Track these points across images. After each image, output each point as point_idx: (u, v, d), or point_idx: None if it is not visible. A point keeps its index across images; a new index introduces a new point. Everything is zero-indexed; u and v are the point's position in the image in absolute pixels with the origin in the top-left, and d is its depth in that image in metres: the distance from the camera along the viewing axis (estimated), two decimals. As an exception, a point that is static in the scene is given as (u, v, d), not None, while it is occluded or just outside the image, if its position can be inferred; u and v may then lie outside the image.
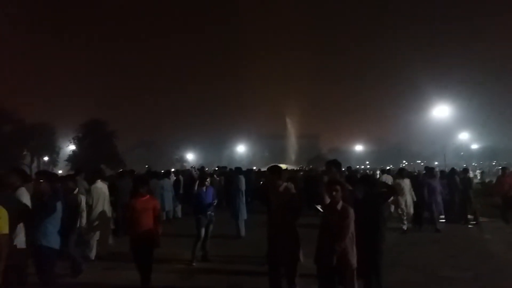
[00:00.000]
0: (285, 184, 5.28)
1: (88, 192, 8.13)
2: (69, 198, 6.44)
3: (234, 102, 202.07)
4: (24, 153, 49.98)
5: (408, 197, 10.67)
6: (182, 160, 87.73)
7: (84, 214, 7.83)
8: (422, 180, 11.80)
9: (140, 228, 5.57)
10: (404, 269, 6.88)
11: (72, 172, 13.97)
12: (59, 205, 4.96)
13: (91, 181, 8.47)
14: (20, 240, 4.70)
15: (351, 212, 4.51)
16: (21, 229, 4.82)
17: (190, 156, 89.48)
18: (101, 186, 8.45)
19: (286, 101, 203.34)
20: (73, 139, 51.61)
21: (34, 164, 51.89)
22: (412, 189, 10.87)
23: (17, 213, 4.39)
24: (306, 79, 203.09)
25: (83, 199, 7.87)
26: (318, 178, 12.88)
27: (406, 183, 10.80)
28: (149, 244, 5.64)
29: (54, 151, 54.28)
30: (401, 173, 11.42)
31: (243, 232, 10.03)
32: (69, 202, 6.11)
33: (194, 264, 7.32)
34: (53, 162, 54.61)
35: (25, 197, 4.88)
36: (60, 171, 50.15)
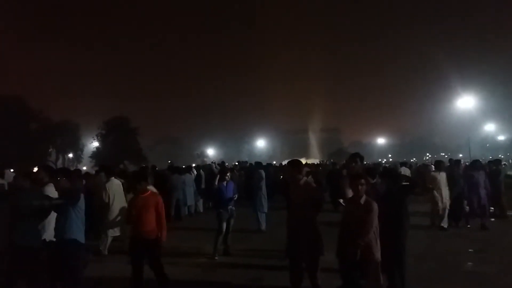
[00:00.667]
0: (305, 178, 5.26)
1: (104, 190, 8.21)
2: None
3: (254, 97, 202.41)
4: (50, 150, 51.32)
5: (444, 191, 9.95)
6: (203, 155, 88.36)
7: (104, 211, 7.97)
8: (464, 173, 11.00)
9: (140, 227, 5.22)
10: (427, 263, 6.77)
11: (96, 169, 14.31)
12: (82, 198, 4.93)
13: (106, 179, 8.55)
14: (49, 234, 4.85)
15: (375, 206, 4.46)
16: (49, 223, 4.97)
17: (211, 152, 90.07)
18: (117, 183, 8.54)
19: (307, 95, 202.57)
20: (97, 136, 52.73)
21: (60, 161, 53.24)
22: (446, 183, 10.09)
23: (39, 209, 4.50)
24: (327, 73, 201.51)
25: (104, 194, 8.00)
26: (339, 173, 12.81)
27: (443, 176, 10.09)
28: (149, 244, 5.22)
29: (78, 148, 55.60)
30: (438, 165, 10.59)
31: (263, 226, 10.06)
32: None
33: (216, 258, 7.37)
34: (78, 158, 55.94)
35: (53, 192, 5.01)
36: (84, 168, 51.39)
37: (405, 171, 13.85)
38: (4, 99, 41.20)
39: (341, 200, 4.96)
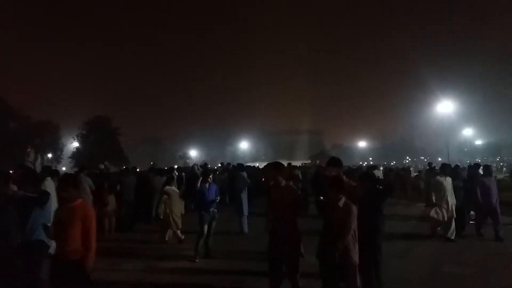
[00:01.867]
0: (284, 181, 5.28)
1: None
2: None
3: (238, 99, 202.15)
4: (29, 150, 50.20)
5: (451, 198, 9.11)
6: (185, 157, 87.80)
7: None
8: (474, 179, 10.05)
9: (61, 245, 4.11)
10: (406, 264, 6.88)
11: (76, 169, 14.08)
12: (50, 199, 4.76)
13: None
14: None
15: (354, 209, 4.50)
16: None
17: (193, 153, 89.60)
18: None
19: (290, 98, 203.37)
20: (77, 136, 51.88)
21: (38, 161, 52.10)
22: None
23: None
24: (310, 76, 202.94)
25: None
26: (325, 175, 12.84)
27: (449, 182, 9.26)
28: (72, 268, 4.05)
29: (58, 148, 54.41)
30: (443, 169, 9.68)
31: (246, 228, 10.05)
32: None
33: (197, 260, 7.34)
34: (57, 159, 54.73)
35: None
36: (63, 168, 50.39)
37: (378, 173, 13.92)
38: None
39: (322, 197, 4.97)
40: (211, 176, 8.08)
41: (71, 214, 4.13)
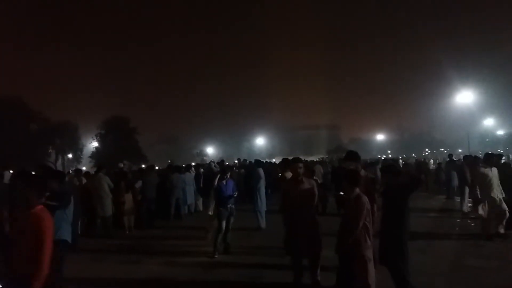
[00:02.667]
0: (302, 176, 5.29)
1: None
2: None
3: (254, 95, 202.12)
4: (49, 151, 51.24)
5: (497, 191, 8.20)
6: (202, 154, 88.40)
7: None
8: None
9: (12, 262, 3.35)
10: (427, 258, 6.78)
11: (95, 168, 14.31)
12: (71, 200, 4.91)
13: None
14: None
15: (364, 202, 4.42)
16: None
17: (210, 150, 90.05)
18: None
19: (306, 92, 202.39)
20: (96, 136, 52.75)
21: (59, 162, 53.18)
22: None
23: None
24: (326, 71, 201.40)
25: None
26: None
27: (494, 173, 8.29)
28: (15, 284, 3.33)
29: (78, 148, 55.42)
30: (488, 159, 8.74)
31: (263, 224, 10.05)
32: None
33: (216, 256, 7.38)
34: (77, 159, 55.80)
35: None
36: (83, 168, 51.34)
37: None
38: (3, 100, 41.16)
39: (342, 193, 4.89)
40: (228, 172, 8.12)
41: (25, 223, 3.35)
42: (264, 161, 21.41)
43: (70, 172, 15.52)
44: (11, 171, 10.48)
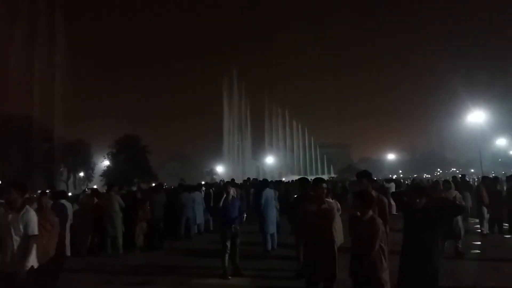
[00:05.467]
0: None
1: None
2: None
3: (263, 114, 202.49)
4: (61, 169, 51.70)
5: None
6: (212, 172, 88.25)
7: None
8: None
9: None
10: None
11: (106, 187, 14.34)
12: None
13: None
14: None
15: (379, 223, 4.36)
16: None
17: (220, 169, 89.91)
18: None
19: (316, 112, 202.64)
20: (108, 154, 53.13)
21: (71, 180, 53.57)
22: None
23: None
24: (335, 90, 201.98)
25: None
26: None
27: None
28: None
29: (89, 167, 55.87)
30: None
31: (269, 246, 9.52)
32: None
33: (229, 278, 7.25)
34: (89, 177, 56.17)
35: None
36: (95, 186, 51.57)
37: (392, 186, 13.44)
38: (16, 118, 41.83)
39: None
40: (232, 190, 7.96)
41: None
42: (274, 180, 21.32)
43: (86, 190, 15.60)
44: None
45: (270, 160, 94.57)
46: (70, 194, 19.12)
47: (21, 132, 40.58)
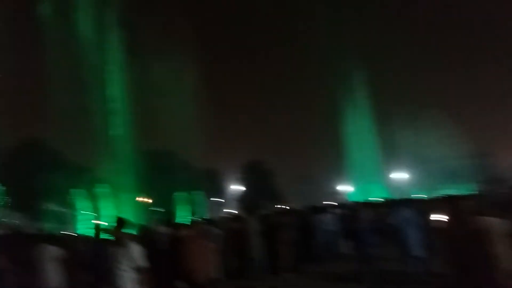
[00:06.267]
0: None
1: None
2: None
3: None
4: (199, 195, 56.59)
5: None
6: (339, 193, 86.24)
7: None
8: None
9: None
10: None
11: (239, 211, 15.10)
12: None
13: None
14: None
15: None
16: None
17: (347, 188, 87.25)
18: None
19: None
20: (238, 179, 56.67)
21: (207, 205, 58.19)
22: None
23: None
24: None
25: None
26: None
27: None
28: None
29: (222, 192, 60.20)
30: None
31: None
32: None
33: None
34: (223, 202, 60.42)
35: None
36: (230, 210, 55.07)
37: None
38: (156, 154, 47.72)
39: None
40: (368, 213, 7.74)
41: None
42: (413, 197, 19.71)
43: (225, 214, 16.65)
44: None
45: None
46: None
47: (163, 164, 45.78)
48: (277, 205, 47.91)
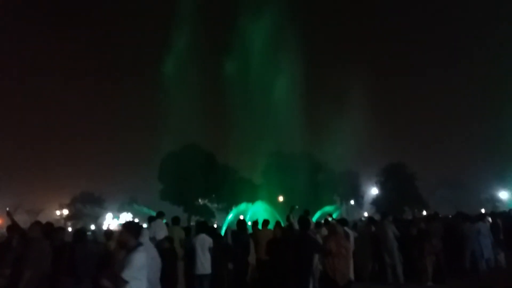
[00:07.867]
0: None
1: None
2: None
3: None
4: (334, 198, 56.31)
5: None
6: (493, 199, 76.45)
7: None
8: None
9: None
10: None
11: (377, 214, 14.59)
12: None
13: None
14: None
15: None
16: None
17: (504, 195, 76.79)
18: None
19: None
20: (376, 183, 54.63)
21: (343, 207, 57.47)
22: None
23: None
24: None
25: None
26: None
27: None
28: None
29: (359, 195, 58.80)
30: None
31: None
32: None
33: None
34: (359, 205, 59.02)
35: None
36: (365, 214, 53.57)
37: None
38: (296, 155, 48.86)
39: None
40: None
41: None
42: None
43: (363, 218, 16.35)
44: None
45: None
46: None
47: (300, 166, 47.00)
48: (419, 210, 44.96)
